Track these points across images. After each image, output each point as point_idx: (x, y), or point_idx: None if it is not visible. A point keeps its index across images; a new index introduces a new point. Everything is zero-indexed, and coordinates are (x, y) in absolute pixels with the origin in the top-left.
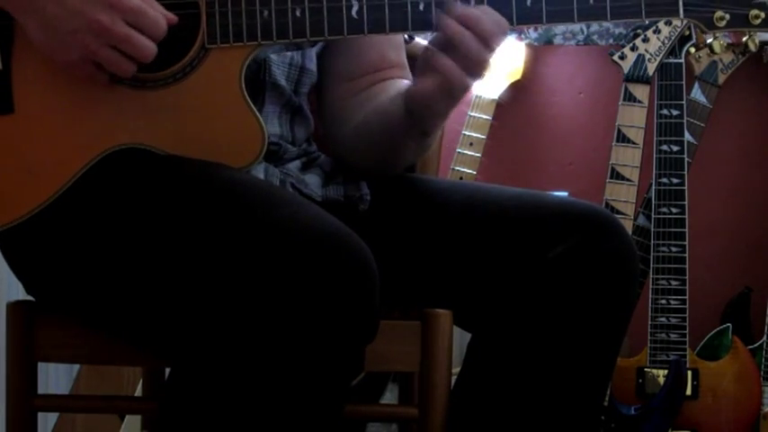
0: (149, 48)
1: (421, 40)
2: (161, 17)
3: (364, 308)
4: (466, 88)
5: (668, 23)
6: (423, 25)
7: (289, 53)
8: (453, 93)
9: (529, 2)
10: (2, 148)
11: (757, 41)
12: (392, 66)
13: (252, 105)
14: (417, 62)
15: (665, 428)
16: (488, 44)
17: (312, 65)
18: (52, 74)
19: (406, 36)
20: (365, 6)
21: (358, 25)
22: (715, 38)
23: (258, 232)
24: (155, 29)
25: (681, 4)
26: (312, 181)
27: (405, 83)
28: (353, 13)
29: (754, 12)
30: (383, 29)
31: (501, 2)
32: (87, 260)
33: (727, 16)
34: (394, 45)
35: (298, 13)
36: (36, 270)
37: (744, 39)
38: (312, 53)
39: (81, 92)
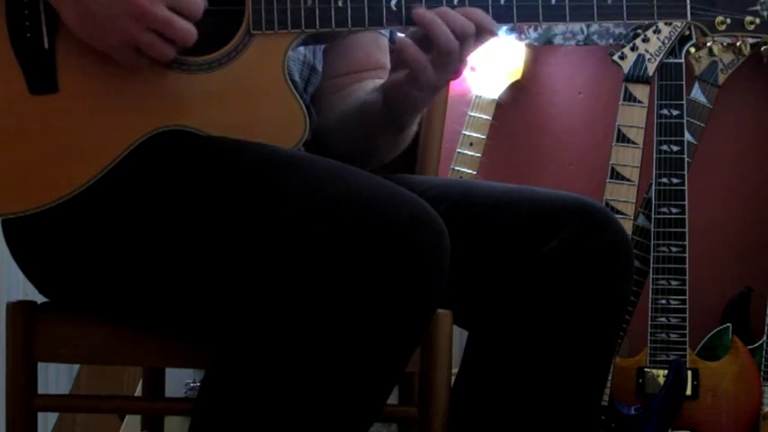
0: (190, 31)
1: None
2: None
3: (438, 274)
4: (434, 82)
5: (668, 23)
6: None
7: (302, 50)
8: (420, 85)
9: (554, 0)
10: (44, 127)
11: (748, 45)
12: (376, 67)
13: (294, 91)
14: (392, 55)
15: (665, 428)
16: (461, 39)
17: (320, 66)
18: (97, 54)
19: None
20: None
21: (396, 16)
22: (714, 41)
23: (330, 205)
24: (194, 11)
25: (688, 7)
26: None
27: (377, 81)
28: (392, 5)
29: (749, 18)
30: None
31: None
32: (128, 246)
33: (728, 21)
34: (379, 47)
35: (340, 3)
36: (58, 265)
37: (738, 43)
38: (320, 54)
39: (126, 73)
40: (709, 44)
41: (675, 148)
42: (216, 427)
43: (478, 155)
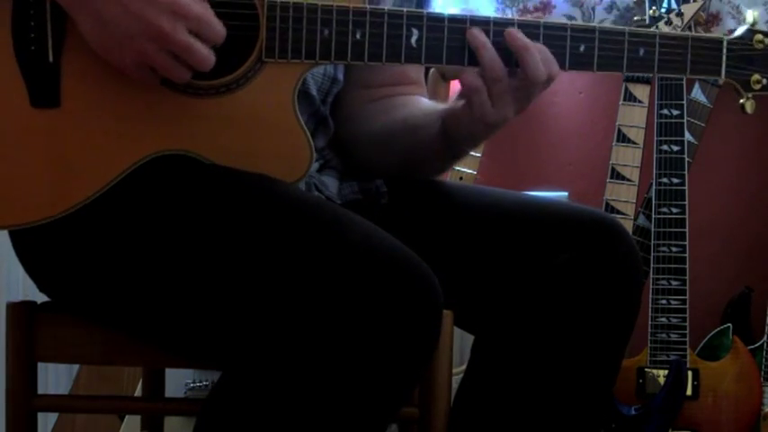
0: (209, 58)
1: None
2: (222, 26)
3: (429, 328)
4: (492, 117)
5: (668, 23)
6: (477, 61)
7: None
8: (474, 116)
9: (582, 48)
10: (45, 142)
11: None
12: (411, 82)
13: (302, 122)
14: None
15: (666, 429)
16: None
17: (341, 75)
18: (103, 71)
19: None
20: (425, 37)
21: (416, 54)
22: (747, 99)
23: (332, 253)
24: (215, 38)
25: (723, 64)
26: (329, 182)
27: (431, 102)
28: (413, 41)
29: None
30: (440, 60)
31: (555, 46)
32: (133, 265)
33: (764, 81)
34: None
35: (358, 36)
36: (66, 271)
37: None
38: (342, 65)
39: (130, 93)
40: (741, 101)
41: (676, 148)
42: None
43: (478, 155)
